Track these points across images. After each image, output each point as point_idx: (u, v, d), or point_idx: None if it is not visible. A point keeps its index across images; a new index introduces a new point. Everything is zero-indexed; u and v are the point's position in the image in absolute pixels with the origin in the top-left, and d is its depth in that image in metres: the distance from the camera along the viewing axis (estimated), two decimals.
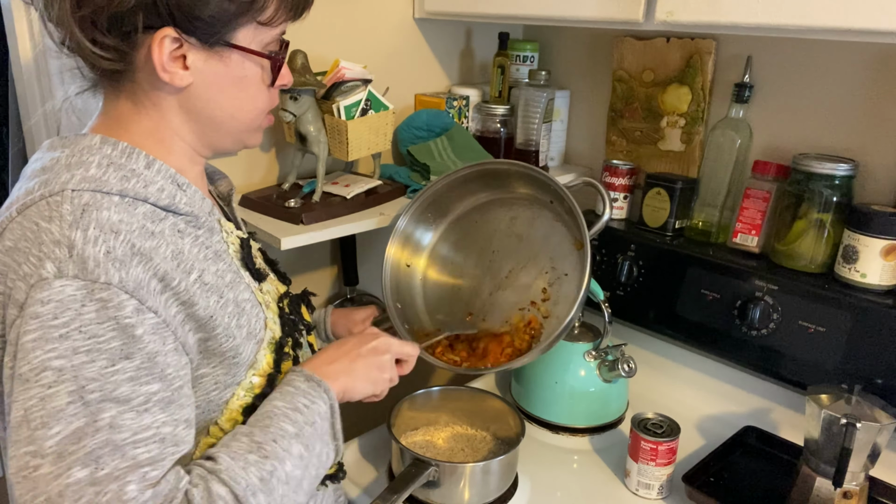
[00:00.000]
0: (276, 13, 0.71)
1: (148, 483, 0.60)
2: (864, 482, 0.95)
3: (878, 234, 1.03)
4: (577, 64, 1.49)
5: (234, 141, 0.78)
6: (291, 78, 0.80)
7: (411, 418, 1.13)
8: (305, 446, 0.72)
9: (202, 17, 0.66)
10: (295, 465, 0.70)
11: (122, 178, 0.66)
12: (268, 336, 0.77)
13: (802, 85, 1.18)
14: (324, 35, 1.23)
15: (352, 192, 1.17)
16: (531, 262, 1.13)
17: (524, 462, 1.09)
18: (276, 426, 0.71)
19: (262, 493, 0.66)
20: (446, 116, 1.36)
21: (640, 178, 1.35)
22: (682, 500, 1.03)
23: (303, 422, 0.72)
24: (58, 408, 0.58)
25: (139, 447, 0.61)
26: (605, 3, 1.04)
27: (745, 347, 1.18)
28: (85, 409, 0.59)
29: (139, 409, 0.61)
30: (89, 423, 0.59)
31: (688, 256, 1.23)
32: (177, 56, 0.68)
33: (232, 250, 0.77)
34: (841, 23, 0.83)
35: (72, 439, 0.58)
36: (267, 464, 0.68)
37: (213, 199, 0.85)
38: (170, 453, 0.63)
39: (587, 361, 1.18)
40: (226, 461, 0.66)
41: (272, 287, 0.83)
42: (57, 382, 0.58)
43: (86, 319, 0.59)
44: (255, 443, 0.69)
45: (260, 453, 0.68)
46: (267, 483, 0.67)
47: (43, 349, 0.58)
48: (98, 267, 0.60)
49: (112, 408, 0.60)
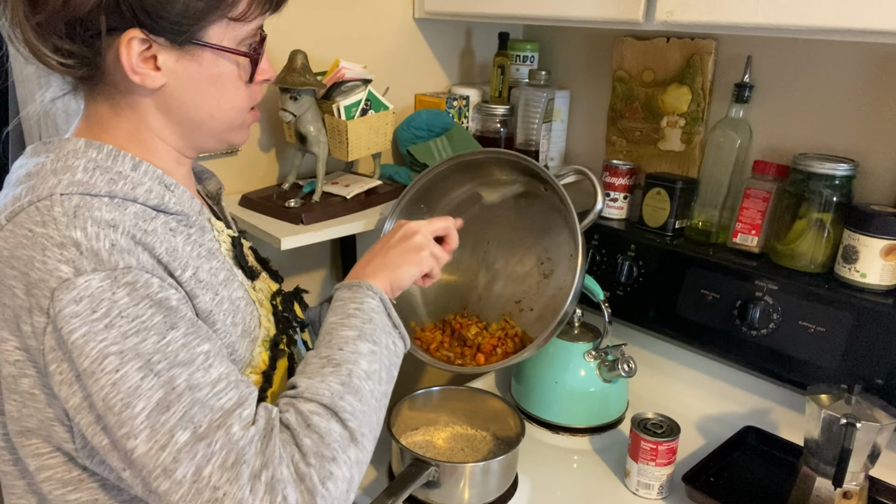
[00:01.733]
0: (248, 8, 0.70)
1: (246, 422, 0.62)
2: (864, 482, 0.95)
3: (878, 234, 1.03)
4: (577, 64, 1.49)
5: (217, 140, 0.77)
6: (273, 72, 0.78)
7: (411, 418, 1.13)
8: (373, 341, 0.73)
9: (168, 16, 0.65)
10: (370, 360, 0.72)
11: (109, 181, 0.66)
12: (262, 334, 0.77)
13: (802, 85, 1.18)
14: (324, 35, 1.23)
15: (352, 192, 1.17)
16: (526, 252, 1.13)
17: (524, 462, 1.09)
18: (336, 337, 0.72)
19: (348, 395, 0.67)
20: (446, 116, 1.36)
21: (640, 178, 1.35)
22: (682, 500, 1.03)
23: (359, 323, 0.74)
24: (133, 386, 0.59)
25: (221, 397, 0.62)
26: (605, 3, 1.04)
27: (745, 347, 1.18)
28: (158, 379, 0.60)
29: (204, 367, 0.63)
30: (168, 391, 0.60)
31: (688, 256, 1.23)
32: (147, 57, 0.67)
33: (224, 248, 0.77)
34: (841, 23, 0.83)
35: (160, 409, 0.59)
36: (342, 369, 0.69)
37: (202, 199, 0.85)
38: (248, 393, 0.65)
39: (587, 361, 1.18)
40: (304, 382, 0.68)
41: (265, 285, 0.83)
42: (123, 364, 0.59)
43: (122, 305, 0.60)
44: (324, 358, 0.70)
45: (332, 364, 0.70)
46: (349, 385, 0.68)
47: (95, 341, 0.59)
48: (112, 256, 0.61)
49: (182, 372, 0.61)
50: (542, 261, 1.11)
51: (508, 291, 1.13)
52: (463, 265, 1.18)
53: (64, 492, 0.68)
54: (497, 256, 1.15)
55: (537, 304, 1.10)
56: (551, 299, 1.09)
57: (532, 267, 1.12)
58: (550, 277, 1.10)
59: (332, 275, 1.43)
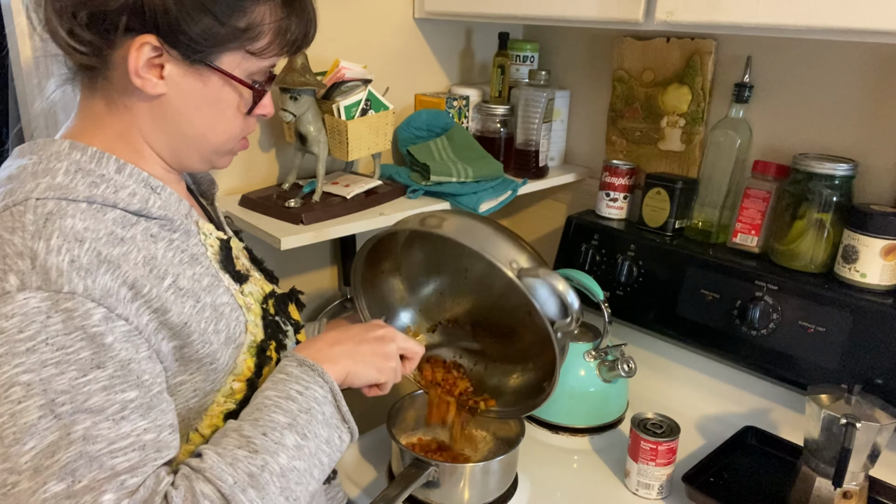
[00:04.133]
0: (268, 46, 0.70)
1: (126, 491, 0.59)
2: (863, 482, 0.95)
3: (878, 234, 1.03)
4: (577, 64, 1.49)
5: (202, 160, 0.76)
6: (272, 109, 0.78)
7: (411, 418, 1.13)
8: (302, 435, 0.69)
9: (188, 33, 0.65)
10: (292, 455, 0.67)
11: (90, 185, 0.65)
12: (248, 340, 0.75)
13: (802, 85, 1.18)
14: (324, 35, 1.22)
15: (352, 192, 1.17)
16: (505, 290, 1.09)
17: (524, 462, 1.09)
18: (266, 418, 0.68)
19: (252, 489, 0.63)
20: (446, 116, 1.36)
21: (640, 178, 1.35)
22: (682, 500, 1.03)
23: (296, 410, 0.69)
24: (29, 423, 0.57)
25: (117, 456, 0.59)
26: (605, 3, 1.04)
27: (745, 347, 1.18)
28: (57, 422, 0.57)
29: (115, 418, 0.60)
30: (62, 436, 0.57)
31: (688, 256, 1.23)
32: (154, 64, 0.67)
33: (210, 253, 0.75)
34: (841, 23, 0.83)
35: (46, 454, 0.57)
36: (257, 458, 0.65)
37: (195, 200, 0.84)
38: (151, 459, 0.61)
39: (587, 361, 1.18)
40: (212, 458, 0.64)
41: (256, 288, 0.81)
42: (26, 397, 0.57)
43: (52, 331, 0.58)
44: (244, 437, 0.66)
45: (249, 448, 0.65)
46: (257, 479, 0.64)
47: (10, 364, 0.57)
48: (61, 276, 0.59)
49: (86, 419, 0.58)
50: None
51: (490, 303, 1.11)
52: (444, 279, 1.15)
53: None
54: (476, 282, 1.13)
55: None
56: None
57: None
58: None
59: (332, 275, 1.43)
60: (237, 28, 0.67)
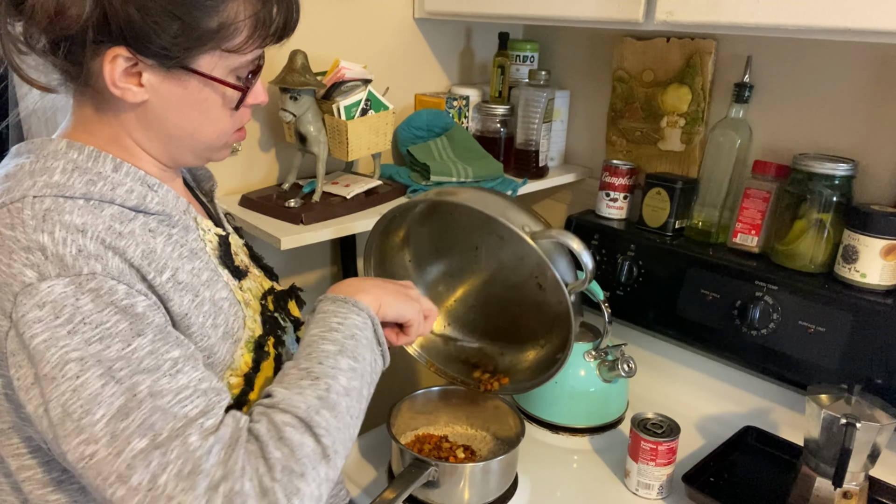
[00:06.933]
0: (247, 41, 0.69)
1: (207, 431, 0.61)
2: (864, 482, 0.95)
3: (878, 234, 1.03)
4: (577, 64, 1.49)
5: (196, 157, 0.77)
6: (265, 97, 0.77)
7: (411, 418, 1.13)
8: (353, 358, 0.71)
9: (158, 40, 0.64)
10: (349, 377, 0.70)
11: (87, 182, 0.65)
12: (246, 335, 0.76)
13: (802, 85, 1.18)
14: (324, 35, 1.23)
15: (352, 192, 1.17)
16: (516, 263, 1.12)
17: (524, 462, 1.09)
18: (317, 350, 0.71)
19: (325, 410, 0.66)
20: (446, 116, 1.37)
21: (640, 178, 1.35)
22: (682, 500, 1.03)
23: (342, 338, 0.72)
24: (93, 393, 0.58)
25: (186, 405, 0.61)
26: (605, 3, 1.04)
27: (745, 347, 1.18)
28: (120, 386, 0.59)
29: (171, 373, 0.61)
30: (129, 398, 0.59)
31: (688, 256, 1.23)
32: (132, 73, 0.66)
33: (209, 248, 0.76)
34: (841, 23, 0.83)
35: (119, 417, 0.58)
36: (321, 383, 0.67)
37: (194, 197, 0.84)
38: (217, 402, 0.63)
39: (587, 361, 1.18)
40: (281, 393, 0.66)
41: (255, 284, 0.82)
42: (83, 371, 0.58)
43: (86, 311, 0.59)
44: (303, 370, 0.69)
45: (311, 377, 0.68)
46: (326, 400, 0.67)
47: (56, 346, 0.58)
48: (77, 261, 0.60)
49: (146, 378, 0.60)
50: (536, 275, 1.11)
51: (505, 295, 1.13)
52: (454, 267, 1.17)
53: (44, 492, 0.67)
54: (488, 259, 1.15)
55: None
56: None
57: (526, 277, 1.12)
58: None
59: (332, 275, 1.43)
60: (209, 29, 0.66)
